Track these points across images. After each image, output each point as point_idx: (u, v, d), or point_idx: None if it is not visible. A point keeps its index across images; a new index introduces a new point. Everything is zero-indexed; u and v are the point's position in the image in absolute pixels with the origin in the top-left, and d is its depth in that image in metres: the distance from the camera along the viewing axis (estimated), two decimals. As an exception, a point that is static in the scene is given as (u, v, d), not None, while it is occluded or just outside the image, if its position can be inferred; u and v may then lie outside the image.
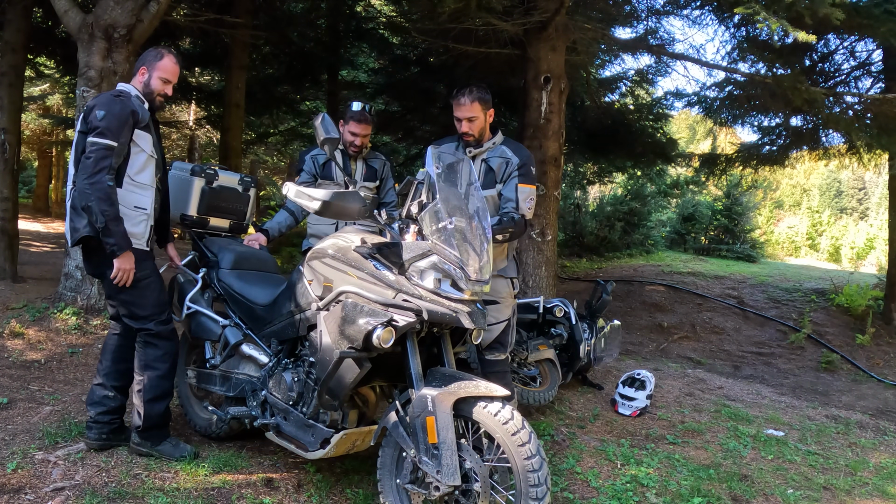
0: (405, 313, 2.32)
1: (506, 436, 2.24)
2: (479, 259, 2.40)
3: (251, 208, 3.72)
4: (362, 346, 2.36)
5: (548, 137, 5.94)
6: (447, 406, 2.29)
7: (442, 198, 2.41)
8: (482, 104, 3.16)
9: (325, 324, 2.52)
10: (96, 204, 2.70)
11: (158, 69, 2.98)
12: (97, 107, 2.78)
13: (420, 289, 2.34)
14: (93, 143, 2.74)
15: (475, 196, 2.59)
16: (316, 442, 2.61)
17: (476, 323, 2.37)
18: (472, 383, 2.33)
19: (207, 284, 3.31)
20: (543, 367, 4.29)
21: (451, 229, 2.36)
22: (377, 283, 2.41)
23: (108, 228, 2.73)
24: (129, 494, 2.64)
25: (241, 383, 3.01)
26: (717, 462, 3.62)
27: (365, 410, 2.81)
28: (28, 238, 11.66)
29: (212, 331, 3.18)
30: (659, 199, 15.10)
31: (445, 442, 2.25)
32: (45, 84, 15.45)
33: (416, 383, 2.37)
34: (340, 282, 2.50)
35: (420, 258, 2.36)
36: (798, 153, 8.41)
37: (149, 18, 5.01)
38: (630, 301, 8.90)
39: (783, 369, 6.80)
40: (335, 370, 2.45)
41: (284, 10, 9.21)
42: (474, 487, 2.30)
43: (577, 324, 4.42)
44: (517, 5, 5.72)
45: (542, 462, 2.24)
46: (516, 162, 3.20)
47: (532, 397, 4.02)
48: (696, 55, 7.68)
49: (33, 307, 4.97)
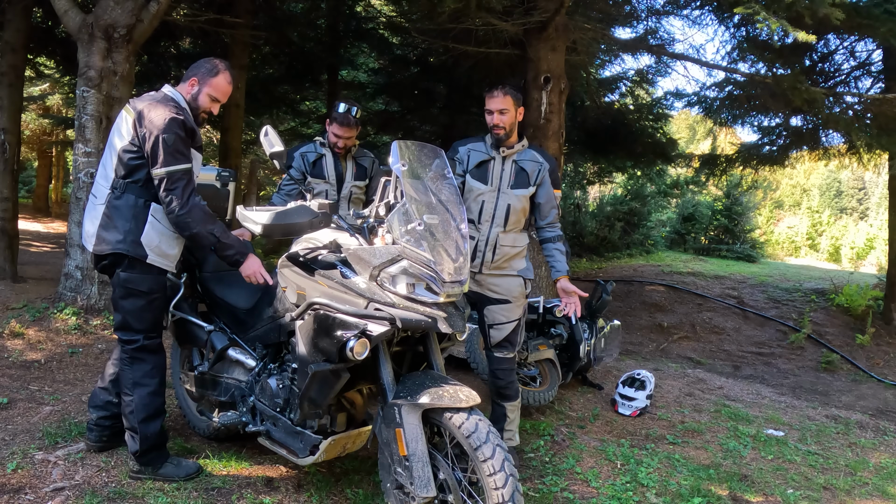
0: (379, 322, 2.20)
1: (469, 449, 2.13)
2: (453, 259, 2.29)
3: (231, 204, 3.49)
4: (337, 358, 2.26)
5: (548, 137, 5.94)
6: (415, 418, 2.20)
7: (409, 197, 2.29)
8: (514, 99, 3.21)
9: (299, 333, 2.43)
10: (201, 228, 2.60)
11: (210, 86, 2.78)
12: (162, 131, 2.56)
13: (392, 295, 2.24)
14: (171, 172, 2.56)
15: (448, 188, 2.47)
16: (305, 448, 2.55)
17: (453, 327, 2.27)
18: (438, 392, 2.20)
19: (189, 290, 3.22)
20: (543, 366, 4.29)
21: (422, 231, 2.25)
22: (347, 293, 2.30)
23: (222, 243, 2.65)
24: (129, 494, 2.64)
25: (231, 388, 2.95)
26: (717, 462, 3.62)
27: (353, 413, 2.72)
28: (28, 238, 11.66)
29: (198, 337, 3.10)
30: (659, 199, 15.11)
31: (416, 454, 2.16)
32: (45, 84, 15.44)
33: (387, 393, 2.29)
34: (311, 291, 2.40)
35: (390, 263, 2.25)
36: (798, 153, 8.41)
37: (149, 18, 5.01)
38: (630, 301, 8.90)
39: (783, 369, 6.79)
40: (312, 383, 2.37)
41: (284, 10, 9.21)
42: (449, 499, 2.21)
43: (578, 324, 4.42)
44: (517, 5, 5.72)
45: (506, 478, 2.08)
46: (548, 166, 3.30)
47: (532, 397, 4.02)
48: (696, 55, 7.69)
49: (33, 307, 4.97)
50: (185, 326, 3.17)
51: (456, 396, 2.19)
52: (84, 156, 4.95)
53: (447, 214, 2.38)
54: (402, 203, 2.31)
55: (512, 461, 2.16)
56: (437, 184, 2.45)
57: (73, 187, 5.06)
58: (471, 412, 2.19)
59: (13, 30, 6.39)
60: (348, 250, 2.36)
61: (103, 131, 4.96)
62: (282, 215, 2.37)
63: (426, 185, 2.42)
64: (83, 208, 4.96)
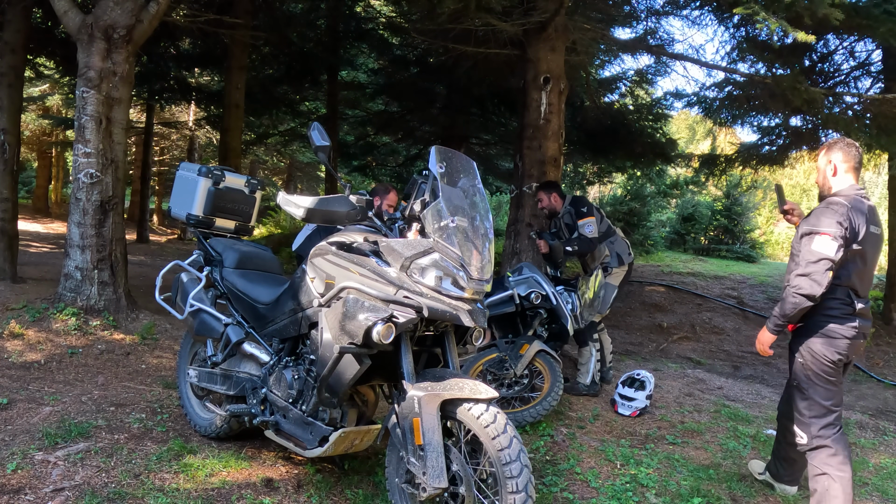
0: (405, 310, 2.30)
1: (486, 439, 2.21)
2: (480, 258, 2.39)
3: (257, 210, 3.77)
4: (362, 341, 2.35)
5: (547, 138, 5.94)
6: (433, 408, 2.27)
7: (444, 196, 2.40)
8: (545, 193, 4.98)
9: (325, 320, 2.52)
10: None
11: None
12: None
13: (421, 286, 2.33)
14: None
15: (478, 196, 2.60)
16: (314, 440, 2.62)
17: (476, 321, 2.35)
18: (459, 384, 2.31)
19: (211, 283, 3.34)
20: (538, 363, 4.12)
21: (454, 228, 2.36)
22: (378, 280, 2.39)
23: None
24: (129, 495, 2.63)
25: (242, 381, 3.02)
26: (716, 462, 3.62)
27: (364, 410, 2.81)
28: (27, 238, 11.67)
29: (214, 328, 3.19)
30: (658, 199, 15.11)
31: (431, 444, 2.23)
32: (44, 84, 15.46)
33: (407, 382, 2.36)
34: (342, 278, 2.50)
35: (421, 255, 2.35)
36: (798, 153, 8.41)
37: (148, 19, 5.01)
38: (630, 301, 8.91)
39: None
40: (335, 366, 2.46)
41: (284, 11, 9.22)
42: (461, 490, 2.28)
43: (558, 303, 4.28)
44: (517, 6, 5.72)
45: (521, 468, 2.18)
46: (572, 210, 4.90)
47: (535, 410, 3.86)
48: (695, 55, 7.74)
49: (33, 308, 4.97)
50: (201, 317, 3.25)
51: (475, 389, 2.29)
52: (84, 156, 4.94)
53: (476, 219, 2.48)
54: (438, 201, 2.40)
55: (527, 453, 2.26)
56: (468, 190, 2.57)
57: (73, 188, 5.06)
58: (489, 404, 2.28)
59: (13, 30, 6.39)
60: (382, 242, 2.47)
61: (103, 132, 4.96)
62: (323, 202, 2.51)
63: (458, 190, 2.53)
64: (82, 209, 4.97)
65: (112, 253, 5.12)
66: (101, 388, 3.98)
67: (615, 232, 5.06)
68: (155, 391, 3.98)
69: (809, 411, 2.88)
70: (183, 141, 20.12)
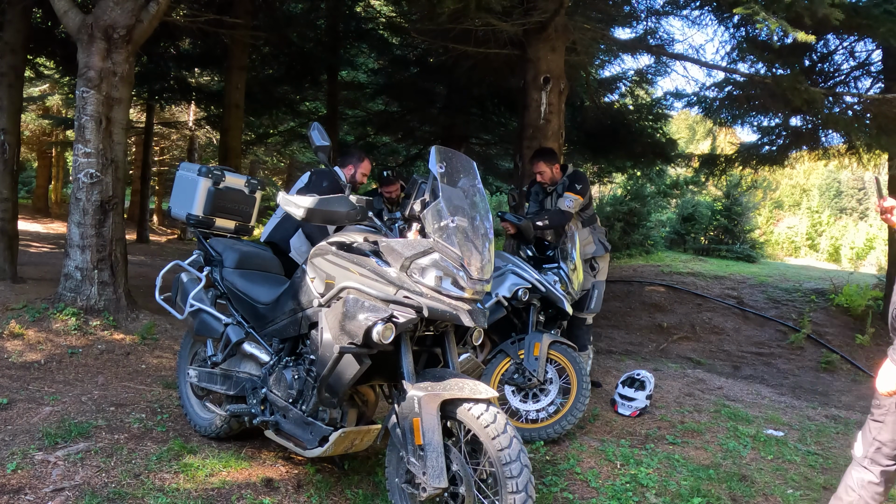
0: (405, 310, 2.31)
1: (486, 439, 2.22)
2: (480, 258, 2.40)
3: (257, 210, 3.78)
4: (362, 341, 2.35)
5: (547, 138, 5.94)
6: (433, 407, 2.28)
7: (444, 197, 2.40)
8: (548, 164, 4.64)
9: (325, 320, 2.53)
10: None
11: None
12: None
13: (421, 286, 2.34)
14: None
15: (478, 196, 2.60)
16: (314, 439, 2.62)
17: (476, 322, 2.34)
18: (459, 384, 2.31)
19: (211, 283, 3.34)
20: (555, 357, 3.88)
21: (454, 227, 2.36)
22: (378, 280, 2.40)
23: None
24: (129, 495, 2.63)
25: (242, 381, 3.02)
26: (716, 462, 3.62)
27: (364, 410, 2.81)
28: (27, 238, 11.67)
29: (214, 328, 3.19)
30: (659, 199, 15.12)
31: (431, 444, 2.23)
32: (44, 84, 15.45)
33: (407, 382, 2.37)
34: (342, 278, 2.50)
35: (421, 255, 2.36)
36: (798, 153, 8.41)
37: (148, 19, 5.01)
38: (630, 301, 8.91)
39: (783, 369, 6.79)
40: (335, 366, 2.46)
41: (284, 11, 9.22)
42: (460, 490, 2.29)
43: (548, 289, 4.08)
44: (517, 5, 5.72)
45: (521, 468, 2.19)
46: (566, 181, 4.64)
47: (567, 419, 3.67)
48: (695, 55, 7.72)
49: (33, 308, 4.97)
50: (201, 317, 3.25)
51: (475, 389, 2.30)
52: (84, 156, 4.94)
53: (476, 219, 2.49)
54: (438, 201, 2.40)
55: (527, 453, 2.26)
56: (468, 190, 2.57)
57: (73, 188, 5.06)
58: (489, 404, 2.29)
59: (13, 30, 6.39)
60: (382, 243, 2.48)
61: (103, 132, 4.96)
62: (324, 202, 2.50)
63: (458, 190, 2.54)
64: (82, 209, 4.97)
65: (112, 253, 5.12)
66: (101, 388, 3.98)
67: (596, 219, 4.96)
68: (155, 391, 3.98)
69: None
70: (183, 141, 20.12)
